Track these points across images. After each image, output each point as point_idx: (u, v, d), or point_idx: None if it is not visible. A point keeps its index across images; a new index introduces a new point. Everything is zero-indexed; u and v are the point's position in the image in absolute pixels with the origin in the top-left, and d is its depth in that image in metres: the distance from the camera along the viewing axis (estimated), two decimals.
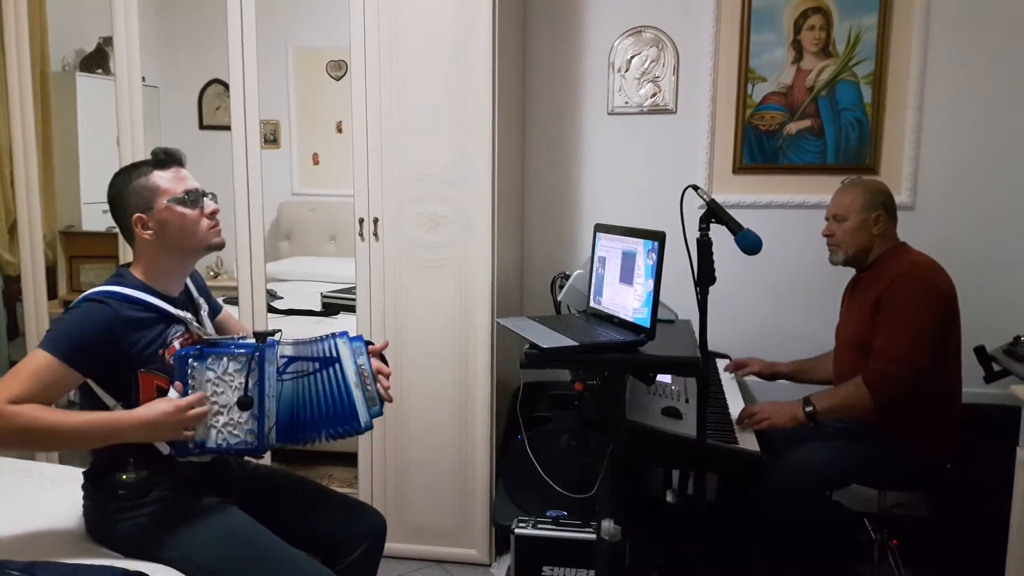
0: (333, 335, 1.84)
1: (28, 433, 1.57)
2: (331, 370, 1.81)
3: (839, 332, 2.62)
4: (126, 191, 1.78)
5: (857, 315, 2.47)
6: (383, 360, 1.94)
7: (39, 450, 1.67)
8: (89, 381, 1.69)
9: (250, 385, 1.70)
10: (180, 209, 1.78)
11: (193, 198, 1.80)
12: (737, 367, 2.84)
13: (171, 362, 1.70)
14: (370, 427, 1.84)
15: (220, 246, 1.87)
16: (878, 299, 2.36)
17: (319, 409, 1.81)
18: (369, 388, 1.84)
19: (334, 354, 1.82)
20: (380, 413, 1.87)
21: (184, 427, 1.64)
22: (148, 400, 1.68)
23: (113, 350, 1.67)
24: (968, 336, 2.44)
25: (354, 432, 1.83)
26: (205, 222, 1.81)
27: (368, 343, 1.89)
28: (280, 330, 1.82)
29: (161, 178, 1.78)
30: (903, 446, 2.36)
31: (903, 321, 2.30)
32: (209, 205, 1.83)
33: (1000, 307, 2.93)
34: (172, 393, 1.66)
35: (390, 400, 1.90)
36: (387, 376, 1.90)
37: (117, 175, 1.82)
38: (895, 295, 2.33)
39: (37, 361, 1.61)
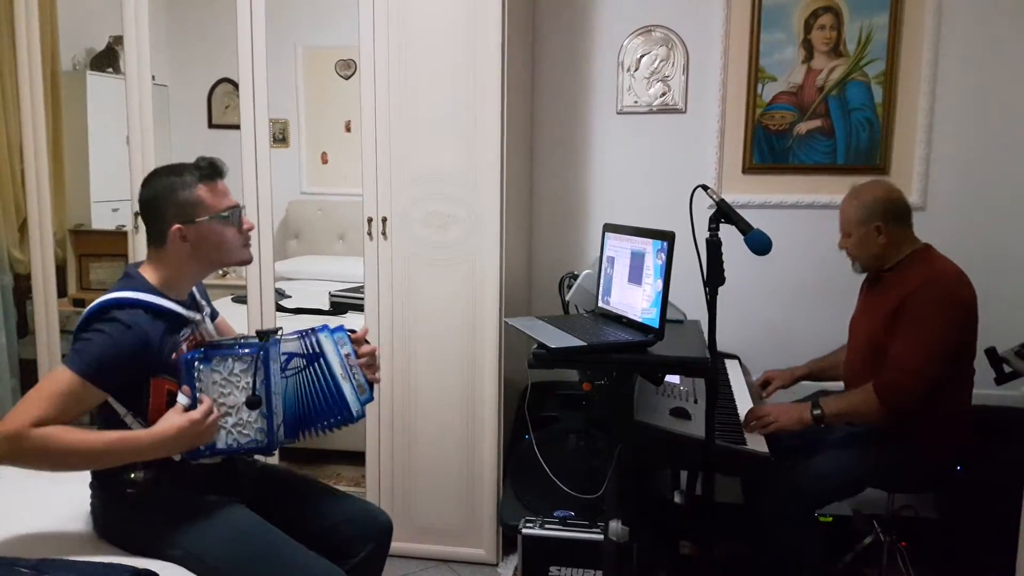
0: (314, 330, 1.85)
1: (53, 455, 1.59)
2: (317, 365, 1.82)
3: (853, 324, 2.57)
4: (168, 199, 1.77)
5: (874, 315, 2.41)
6: (367, 344, 1.95)
7: (63, 470, 1.67)
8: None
9: (257, 384, 1.71)
10: (220, 227, 1.79)
11: (235, 215, 1.82)
12: (765, 383, 2.76)
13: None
14: (362, 415, 1.86)
15: (248, 262, 1.89)
16: (898, 305, 2.30)
17: (312, 403, 1.83)
18: (357, 377, 1.86)
19: (317, 350, 1.83)
20: (371, 399, 1.89)
21: (201, 439, 1.66)
22: (158, 404, 1.69)
23: (136, 369, 1.68)
24: (979, 337, 2.41)
25: (347, 422, 1.84)
26: (240, 238, 1.84)
27: (351, 331, 1.90)
28: (281, 328, 1.84)
29: (204, 191, 1.78)
30: (913, 448, 2.34)
31: (922, 331, 2.25)
32: (246, 221, 1.86)
33: (1011, 309, 2.90)
34: (181, 397, 1.67)
35: (377, 381, 1.92)
36: (373, 355, 1.91)
37: (157, 178, 1.80)
38: (916, 303, 2.27)
39: (63, 383, 1.61)
